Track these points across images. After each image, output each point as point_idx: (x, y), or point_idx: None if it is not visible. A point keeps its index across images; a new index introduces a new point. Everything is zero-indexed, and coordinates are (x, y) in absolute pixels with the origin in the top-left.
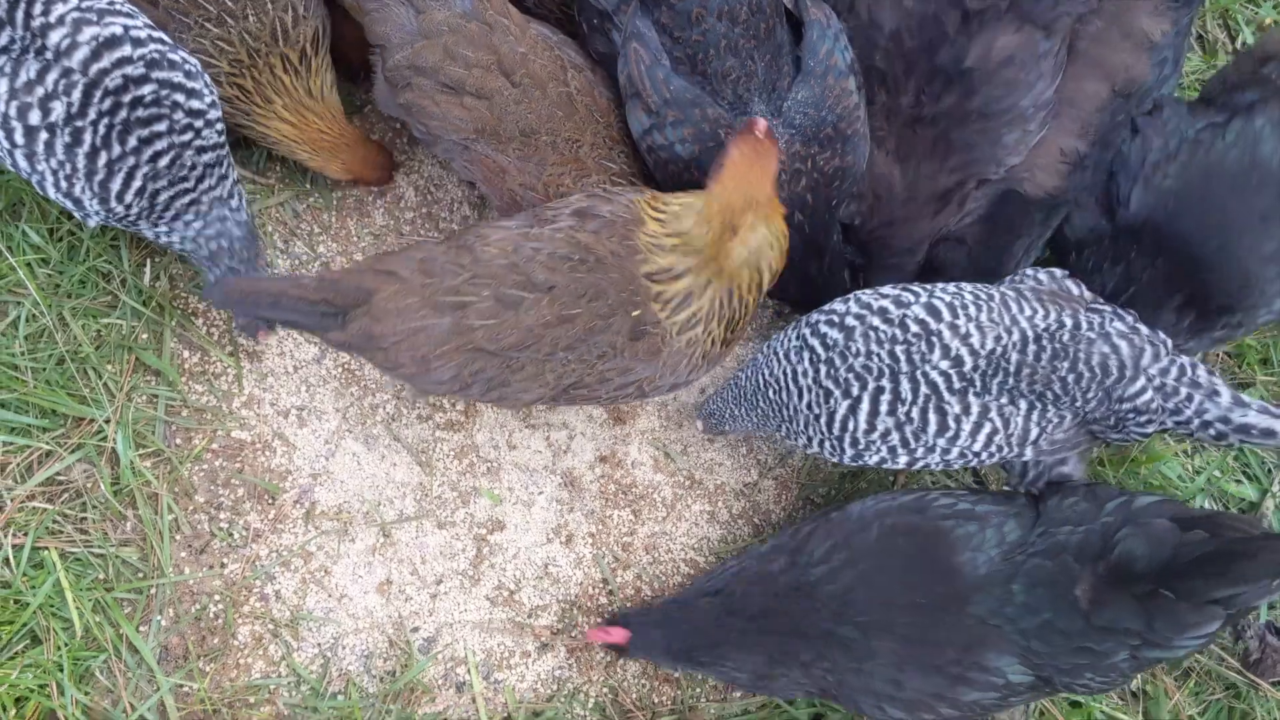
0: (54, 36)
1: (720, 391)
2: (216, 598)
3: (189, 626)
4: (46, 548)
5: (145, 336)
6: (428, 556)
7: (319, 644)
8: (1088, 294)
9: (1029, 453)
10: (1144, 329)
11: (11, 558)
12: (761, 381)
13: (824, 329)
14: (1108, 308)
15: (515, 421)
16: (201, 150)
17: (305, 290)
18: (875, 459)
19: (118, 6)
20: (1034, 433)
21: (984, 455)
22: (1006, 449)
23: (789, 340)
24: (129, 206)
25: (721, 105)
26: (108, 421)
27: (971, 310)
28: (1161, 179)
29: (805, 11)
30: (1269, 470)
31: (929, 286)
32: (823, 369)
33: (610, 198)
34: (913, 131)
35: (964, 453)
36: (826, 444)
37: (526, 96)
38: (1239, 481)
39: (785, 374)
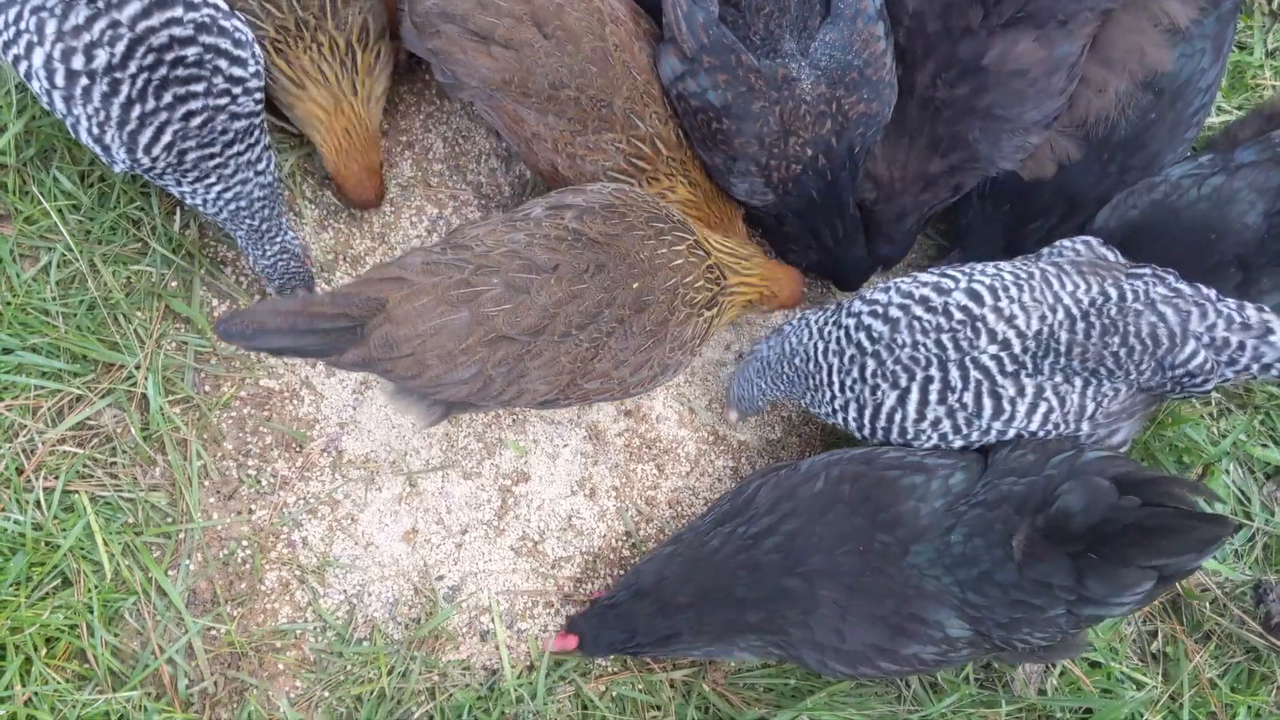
0: None
1: (744, 372)
2: (244, 543)
3: (217, 571)
4: (77, 491)
5: (175, 284)
6: (453, 506)
7: (345, 591)
8: (1123, 259)
9: (1085, 427)
10: (1186, 288)
11: (43, 500)
12: (800, 371)
13: (868, 321)
14: (1147, 270)
15: None
16: (235, 116)
17: (321, 307)
18: (928, 445)
19: None
20: (1090, 408)
21: (1040, 434)
22: (1063, 425)
23: (829, 332)
24: (155, 160)
25: (754, 49)
26: (138, 367)
27: (1013, 291)
28: (1129, 209)
29: None
30: None
31: (968, 269)
32: (870, 363)
33: (580, 190)
34: (920, 110)
35: (1021, 433)
36: (867, 431)
37: (559, 50)
38: (1265, 446)
39: (830, 369)
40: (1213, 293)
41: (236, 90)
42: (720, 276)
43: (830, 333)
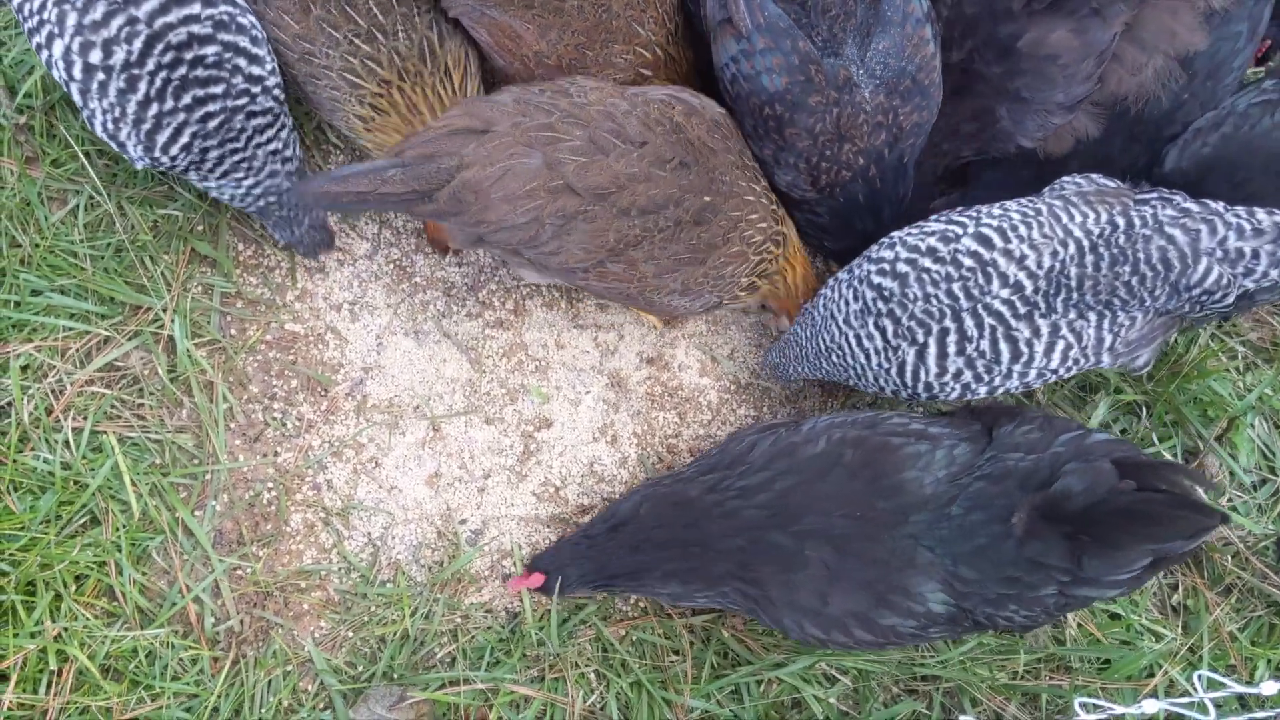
0: None
1: (782, 347)
2: (270, 485)
3: (243, 512)
4: (105, 432)
5: (201, 228)
6: (476, 451)
7: (369, 533)
8: (1129, 186)
9: (1106, 359)
10: (1194, 206)
11: (71, 440)
12: (823, 346)
13: (877, 279)
14: (1153, 194)
15: (564, 321)
16: (252, 115)
17: (392, 185)
18: (953, 395)
19: None
20: (1108, 340)
21: (1062, 371)
22: (1084, 360)
23: (845, 302)
24: (174, 159)
25: (815, 41)
26: (164, 310)
27: (1022, 230)
28: (1200, 145)
29: None
30: None
31: (974, 214)
32: (887, 324)
33: (699, 97)
34: (961, 75)
35: (1042, 373)
36: (902, 393)
37: None
38: None
39: (848, 339)
40: (1221, 205)
41: (256, 90)
42: (783, 240)
43: (846, 295)
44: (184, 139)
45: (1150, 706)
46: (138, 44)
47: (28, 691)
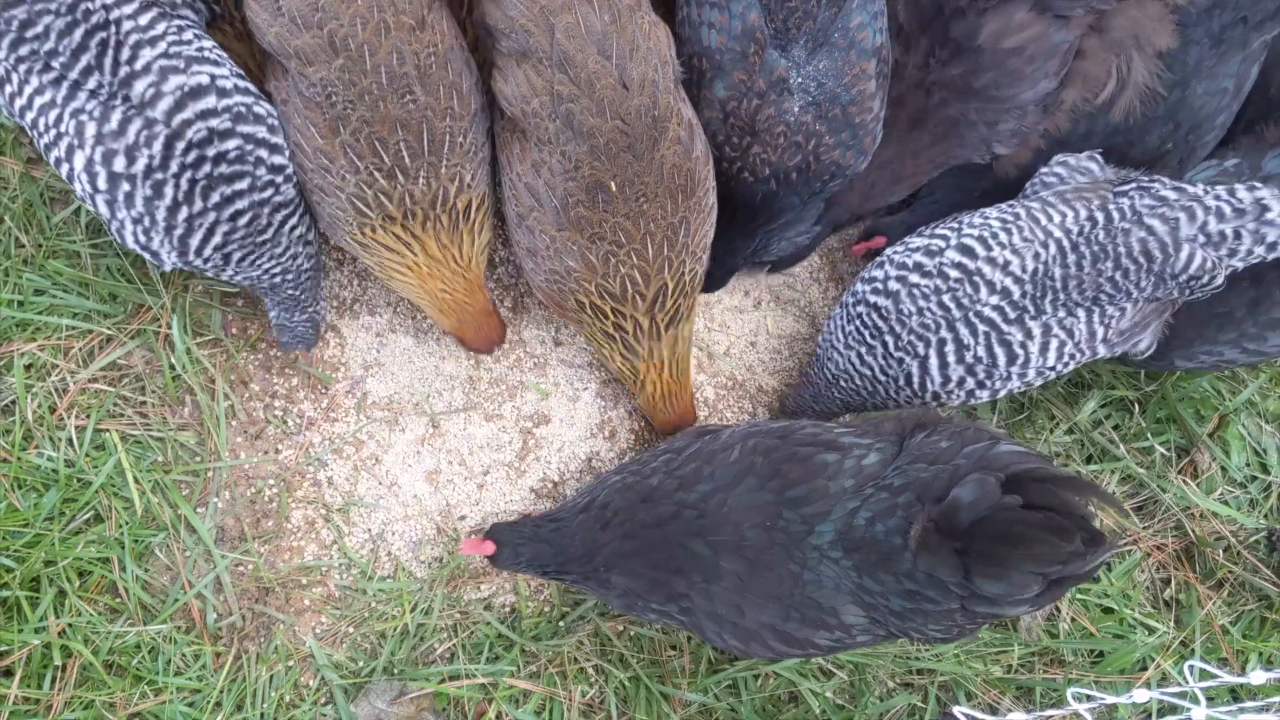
0: (139, 86)
1: (797, 391)
2: (271, 482)
3: (244, 509)
4: (108, 430)
5: None
6: (475, 447)
7: (369, 529)
8: (1109, 172)
9: (1102, 350)
10: (1171, 194)
11: (74, 438)
12: (830, 375)
13: (873, 298)
14: (1131, 184)
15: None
16: (280, 206)
17: None
18: (959, 401)
19: (206, 53)
20: (1100, 332)
21: (1060, 367)
22: (1081, 354)
23: (842, 329)
24: (207, 260)
25: (767, 23)
26: (166, 309)
27: (1002, 236)
28: None
29: None
30: None
31: (956, 224)
32: (888, 339)
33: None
34: (916, 92)
35: (1041, 371)
36: (915, 403)
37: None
38: None
39: (851, 362)
40: (1200, 188)
41: (279, 179)
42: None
43: (841, 323)
44: (216, 239)
45: (1141, 696)
46: (158, 146)
47: (32, 686)
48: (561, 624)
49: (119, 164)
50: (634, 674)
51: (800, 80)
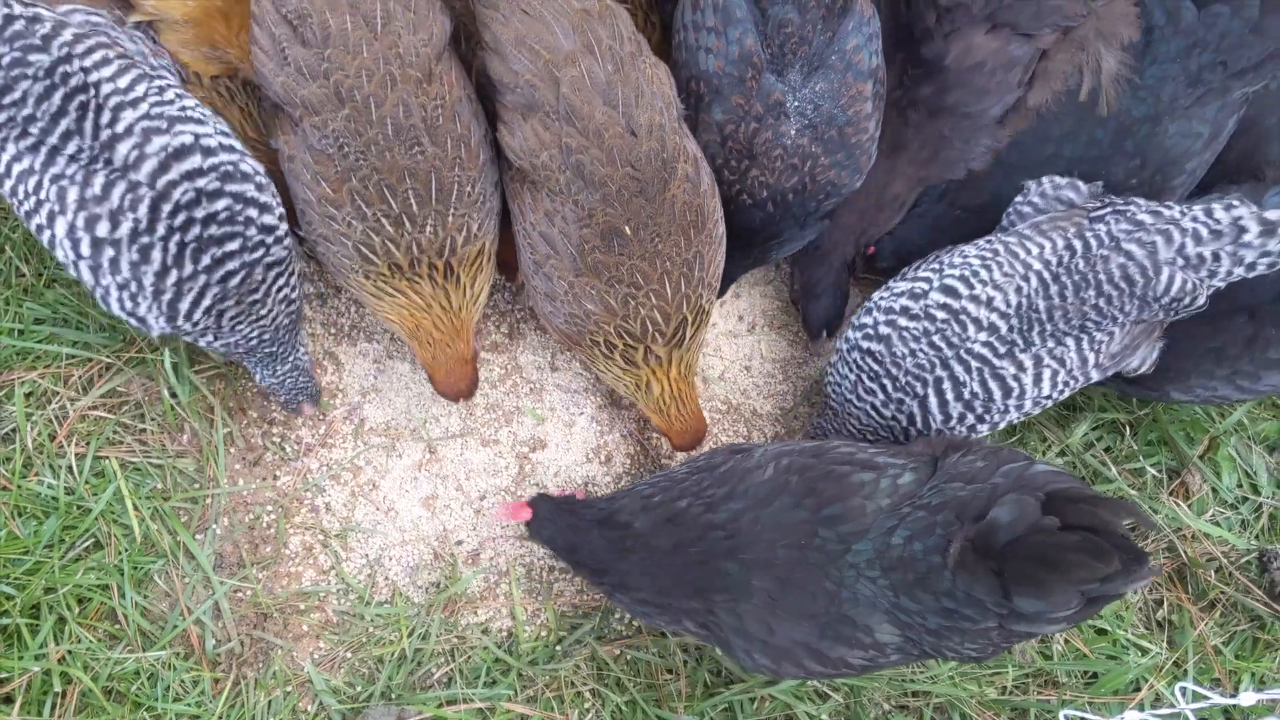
0: (121, 149)
1: (817, 427)
2: (269, 508)
3: (243, 535)
4: (107, 457)
5: None
6: (472, 473)
7: (367, 555)
8: (1086, 196)
9: (1095, 374)
10: (1148, 217)
11: (74, 466)
12: (856, 430)
13: (865, 344)
14: (1107, 210)
15: (558, 344)
16: (270, 266)
17: None
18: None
19: (189, 112)
20: (1091, 358)
21: (1056, 395)
22: (1075, 381)
23: (846, 379)
24: (196, 324)
25: (764, 47)
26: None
27: (983, 273)
28: None
29: None
30: None
31: (937, 265)
32: (886, 383)
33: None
34: (892, 113)
35: (1038, 401)
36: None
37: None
38: (1269, 420)
39: (866, 410)
40: (1178, 210)
41: (269, 239)
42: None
43: (844, 372)
44: (206, 301)
45: (1133, 717)
46: (144, 209)
47: (32, 713)
48: (558, 648)
49: (102, 229)
50: (630, 698)
51: (796, 104)
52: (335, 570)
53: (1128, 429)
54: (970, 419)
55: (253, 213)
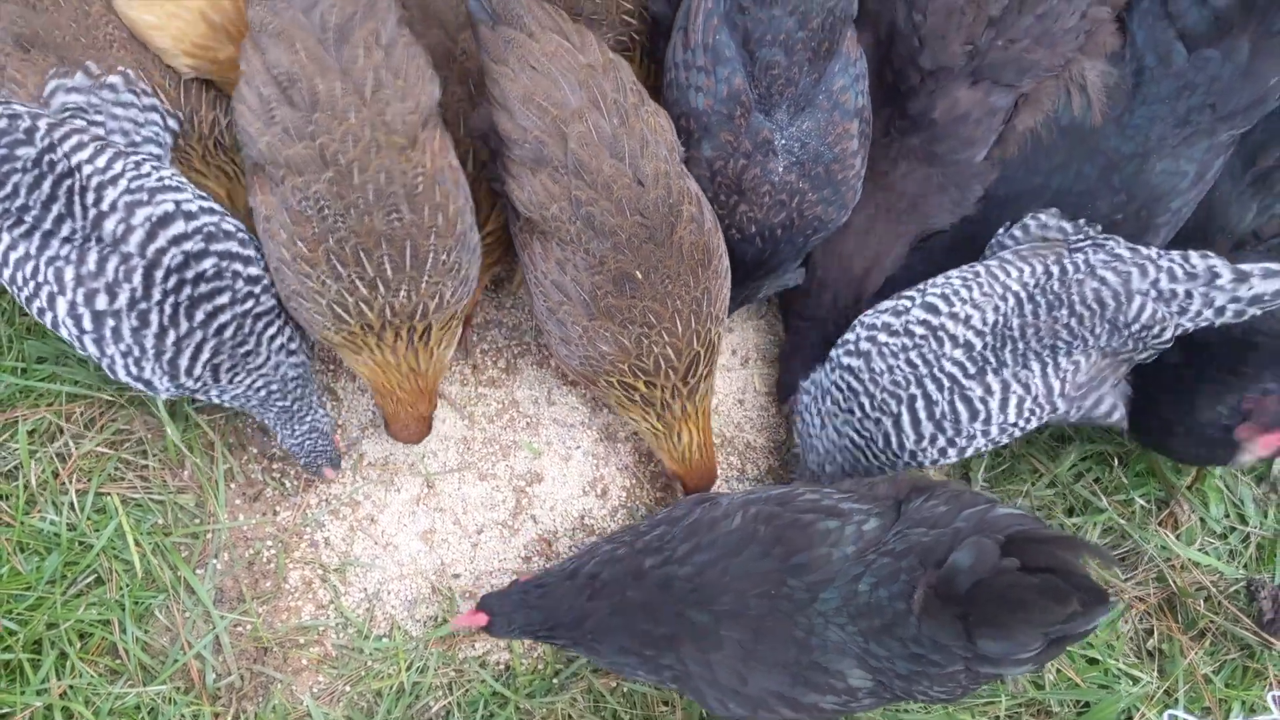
0: (108, 224)
1: (805, 466)
2: (269, 543)
3: (243, 570)
4: (109, 493)
5: None
6: (469, 507)
7: (365, 589)
8: (1070, 231)
9: (1060, 404)
10: (1125, 252)
11: (76, 502)
12: (832, 445)
13: (846, 360)
14: (1087, 242)
15: (554, 378)
16: (260, 316)
17: None
18: (929, 461)
19: (167, 181)
20: (1056, 386)
21: (1021, 423)
22: (1040, 410)
23: (829, 397)
24: (198, 379)
25: (752, 87)
26: None
27: (964, 293)
28: None
29: (842, 39)
30: None
31: (920, 287)
32: (865, 400)
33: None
34: (882, 162)
35: (1004, 428)
36: (899, 464)
37: (409, 24)
38: None
39: (840, 428)
40: (1155, 251)
41: (256, 289)
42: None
43: (828, 389)
44: (205, 355)
45: None
46: (138, 278)
47: None
48: (555, 681)
49: (101, 302)
50: None
51: (784, 142)
52: (334, 604)
53: (1116, 460)
54: (941, 441)
55: (238, 266)
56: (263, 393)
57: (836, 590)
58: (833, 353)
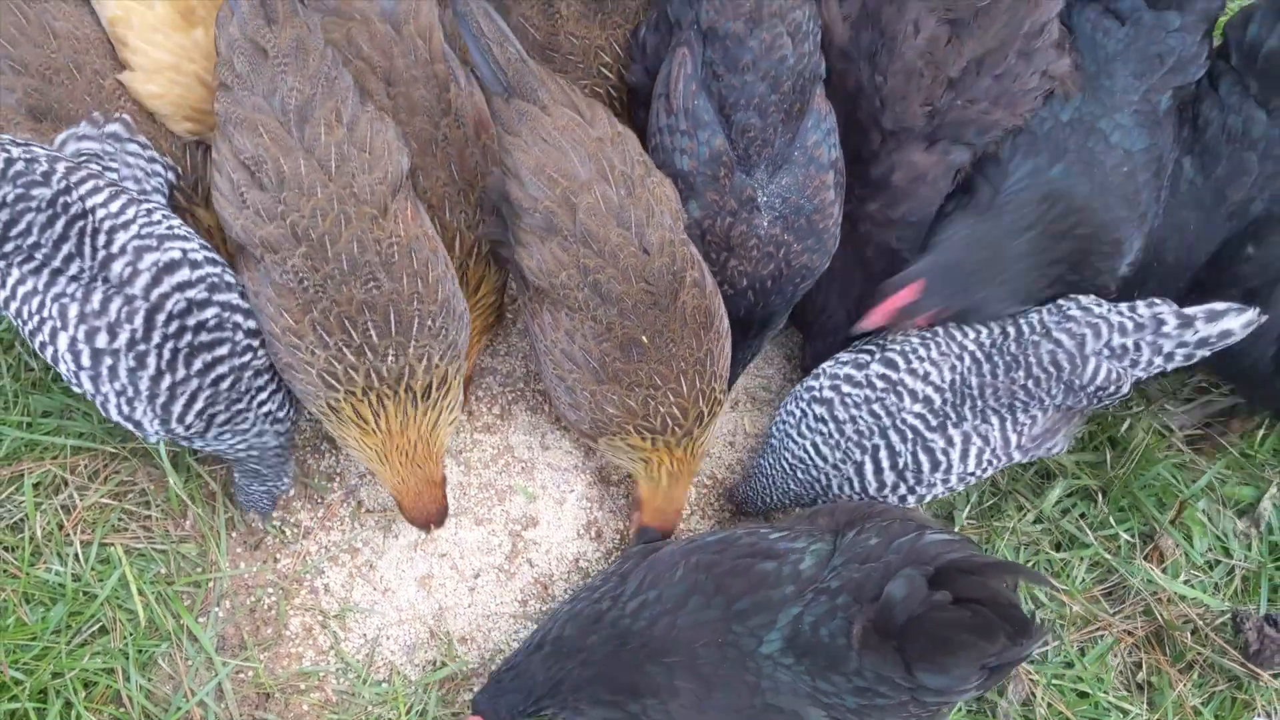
0: (116, 267)
1: (750, 480)
2: (270, 590)
3: (244, 617)
4: (113, 544)
5: None
6: (466, 551)
7: (365, 634)
8: None
9: (1017, 455)
10: (1078, 312)
11: (80, 553)
12: (788, 465)
13: (813, 407)
14: (1044, 305)
15: (548, 424)
16: (259, 372)
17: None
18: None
19: (175, 230)
20: (1014, 439)
21: (979, 473)
22: (997, 460)
23: (795, 418)
24: (189, 427)
25: (731, 148)
26: None
27: (921, 351)
28: None
29: (812, 97)
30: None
31: (880, 341)
32: (835, 439)
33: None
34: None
35: (962, 477)
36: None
37: (394, 112)
38: (1238, 485)
39: (806, 450)
40: (1106, 306)
41: (255, 343)
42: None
43: (795, 410)
44: (198, 404)
45: None
46: (139, 320)
47: None
48: None
49: (101, 340)
50: None
51: (766, 198)
52: (334, 650)
53: (1100, 495)
54: (903, 489)
55: (239, 319)
56: (243, 454)
57: (779, 632)
58: (800, 391)
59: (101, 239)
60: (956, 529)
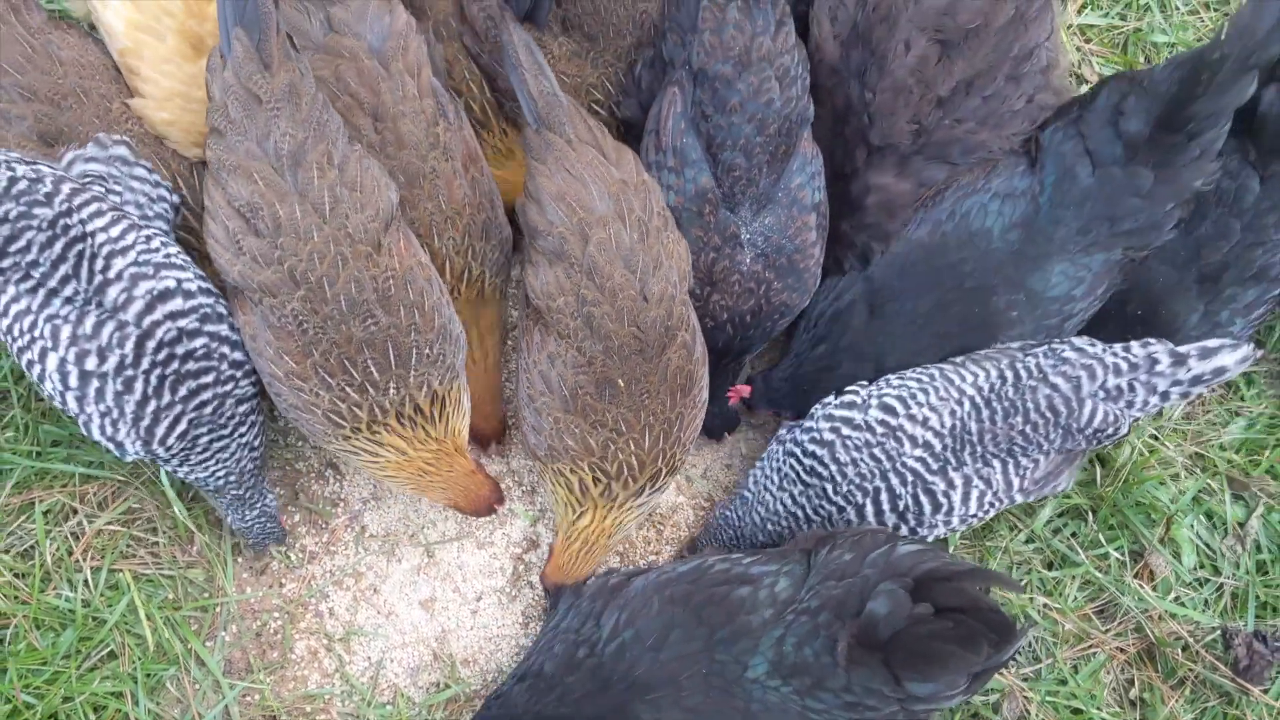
0: (111, 292)
1: (713, 531)
2: (275, 614)
3: (250, 641)
4: (121, 570)
5: None
6: (468, 575)
7: (369, 657)
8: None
9: (1019, 498)
10: (1073, 355)
11: (90, 579)
12: (759, 520)
13: (811, 447)
14: (1041, 347)
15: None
16: (240, 401)
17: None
18: None
19: (173, 259)
20: (1015, 482)
21: (981, 514)
22: (999, 502)
23: (778, 473)
24: (169, 449)
25: (717, 186)
26: None
27: (920, 396)
28: None
29: (799, 140)
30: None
31: (877, 386)
32: (827, 487)
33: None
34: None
35: (964, 519)
36: None
37: (381, 146)
38: (1225, 502)
39: (783, 504)
40: (1100, 347)
41: (239, 374)
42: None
43: (779, 466)
44: (181, 427)
45: None
46: (130, 346)
47: None
48: None
49: (91, 363)
50: None
51: (749, 236)
52: (340, 673)
53: (1090, 514)
54: (904, 531)
55: (226, 349)
56: (221, 481)
57: (763, 656)
58: (794, 432)
59: (99, 263)
60: (950, 550)
